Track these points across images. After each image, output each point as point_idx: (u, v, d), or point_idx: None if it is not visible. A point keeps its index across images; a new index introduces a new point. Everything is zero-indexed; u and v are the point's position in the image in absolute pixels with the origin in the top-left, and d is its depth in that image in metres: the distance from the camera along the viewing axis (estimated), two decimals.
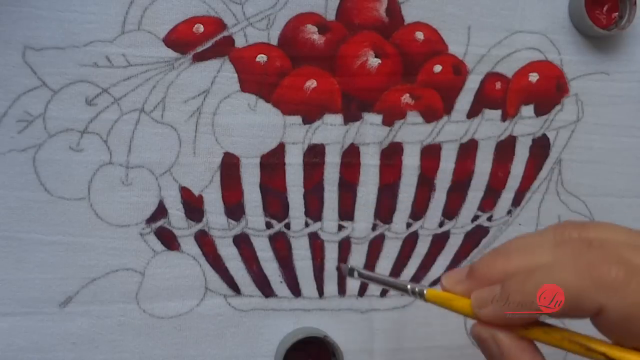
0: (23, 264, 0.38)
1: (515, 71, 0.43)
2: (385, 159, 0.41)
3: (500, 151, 0.43)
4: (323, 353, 0.40)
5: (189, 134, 0.39)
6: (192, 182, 0.39)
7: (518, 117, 0.43)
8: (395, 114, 0.41)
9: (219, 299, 0.40)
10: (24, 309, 0.38)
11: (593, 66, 0.44)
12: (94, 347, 0.39)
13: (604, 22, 0.44)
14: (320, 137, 0.40)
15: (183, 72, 0.39)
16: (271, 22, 0.40)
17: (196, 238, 0.40)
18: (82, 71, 0.37)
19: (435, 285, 0.43)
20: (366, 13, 0.41)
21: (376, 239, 0.42)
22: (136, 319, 0.39)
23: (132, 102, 0.38)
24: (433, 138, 0.42)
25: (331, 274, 0.42)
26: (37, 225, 0.38)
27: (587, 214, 0.45)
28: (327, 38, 0.40)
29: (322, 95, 0.40)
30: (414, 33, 0.41)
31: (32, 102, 0.37)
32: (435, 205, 0.42)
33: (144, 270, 0.39)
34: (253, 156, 0.40)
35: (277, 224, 0.41)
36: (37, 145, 0.37)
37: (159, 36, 0.38)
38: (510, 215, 0.44)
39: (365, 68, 0.41)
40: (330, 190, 0.41)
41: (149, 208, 0.39)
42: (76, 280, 0.38)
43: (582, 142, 0.44)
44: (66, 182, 0.38)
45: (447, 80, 0.42)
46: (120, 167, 0.38)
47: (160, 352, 0.39)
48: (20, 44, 0.37)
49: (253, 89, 0.39)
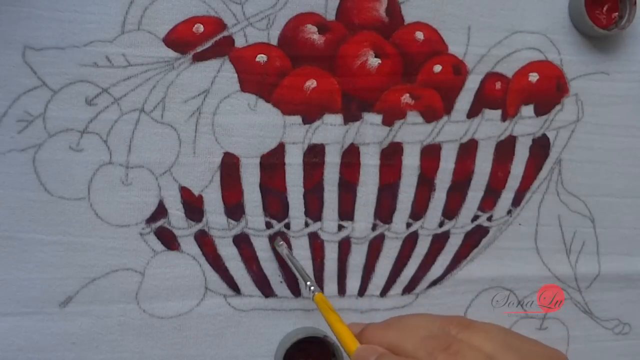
0: (23, 264, 0.38)
1: (515, 71, 0.43)
2: (385, 159, 0.41)
3: (500, 151, 0.43)
4: (323, 353, 0.40)
5: (189, 134, 0.39)
6: (192, 182, 0.39)
7: (518, 117, 0.43)
8: (395, 114, 0.41)
9: (218, 299, 0.40)
10: (24, 309, 0.38)
11: (593, 66, 0.44)
12: (94, 347, 0.39)
13: (604, 22, 0.44)
14: (320, 137, 0.40)
15: (183, 72, 0.39)
16: (271, 22, 0.40)
17: (196, 238, 0.40)
18: (82, 71, 0.37)
19: (434, 285, 0.43)
20: (366, 13, 0.41)
21: (376, 239, 0.42)
22: (136, 319, 0.39)
23: (132, 102, 0.38)
24: (433, 138, 0.42)
25: (331, 274, 0.42)
26: (37, 225, 0.38)
27: (587, 214, 0.45)
28: (327, 38, 0.40)
29: (322, 95, 0.40)
30: (414, 33, 0.41)
31: (32, 102, 0.37)
32: (435, 205, 0.42)
33: (144, 270, 0.39)
34: (253, 156, 0.40)
35: (277, 224, 0.41)
36: (37, 145, 0.37)
37: (159, 36, 0.38)
38: (510, 215, 0.44)
39: (365, 68, 0.41)
40: (330, 190, 0.41)
41: (149, 208, 0.39)
42: (76, 280, 0.38)
43: (582, 142, 0.44)
44: (66, 182, 0.38)
45: (447, 80, 0.42)
46: (120, 167, 0.38)
47: (160, 352, 0.40)
48: (20, 44, 0.37)
49: (253, 89, 0.40)
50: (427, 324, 0.33)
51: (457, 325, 0.32)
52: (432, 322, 0.33)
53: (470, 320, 0.33)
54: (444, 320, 0.33)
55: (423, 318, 0.34)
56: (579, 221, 0.45)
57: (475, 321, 0.32)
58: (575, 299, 0.45)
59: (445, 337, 0.31)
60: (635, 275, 0.46)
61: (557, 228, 0.44)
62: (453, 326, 0.32)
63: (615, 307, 0.46)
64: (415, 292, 0.43)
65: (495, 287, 0.44)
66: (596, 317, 0.45)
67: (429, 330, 0.32)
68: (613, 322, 0.46)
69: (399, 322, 0.34)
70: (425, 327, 0.32)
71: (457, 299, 0.43)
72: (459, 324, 0.32)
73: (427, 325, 0.33)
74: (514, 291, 0.44)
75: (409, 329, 0.33)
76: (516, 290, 0.44)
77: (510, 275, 0.44)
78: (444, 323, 0.32)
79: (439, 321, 0.33)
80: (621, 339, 0.46)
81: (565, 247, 0.45)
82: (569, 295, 0.45)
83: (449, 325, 0.32)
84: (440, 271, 0.43)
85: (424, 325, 0.33)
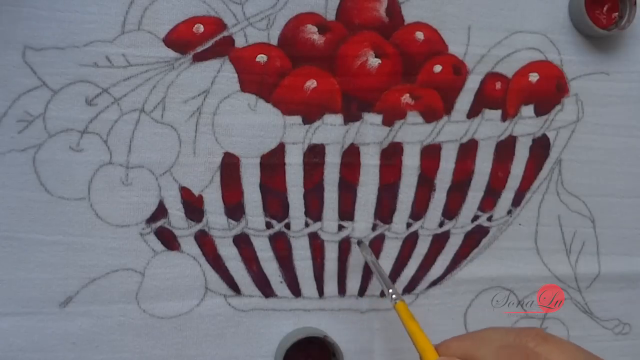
0: (23, 264, 0.38)
1: (515, 71, 0.43)
2: (385, 159, 0.41)
3: (500, 151, 0.43)
4: (323, 353, 0.40)
5: (189, 134, 0.39)
6: (192, 182, 0.39)
7: (518, 117, 0.43)
8: (395, 114, 0.41)
9: (219, 299, 0.40)
10: (24, 309, 0.38)
11: (593, 66, 0.44)
12: (94, 347, 0.39)
13: (604, 22, 0.44)
14: (320, 137, 0.40)
15: (183, 72, 0.39)
16: (271, 22, 0.40)
17: (196, 238, 0.40)
18: (82, 71, 0.37)
19: (434, 285, 0.43)
20: (366, 13, 0.41)
21: (376, 239, 0.42)
22: (136, 319, 0.39)
23: (132, 102, 0.38)
24: (433, 138, 0.42)
25: (331, 274, 0.42)
26: (37, 225, 0.38)
27: (587, 214, 0.45)
28: (327, 38, 0.40)
29: (322, 95, 0.40)
30: (414, 33, 0.41)
31: (32, 102, 0.37)
32: (435, 205, 0.42)
33: (144, 270, 0.39)
34: (253, 156, 0.40)
35: (277, 224, 0.41)
36: (37, 145, 0.37)
37: (159, 36, 0.38)
38: (510, 215, 0.44)
39: (365, 68, 0.41)
40: (330, 190, 0.41)
41: (149, 208, 0.39)
42: (76, 280, 0.38)
43: (582, 142, 0.44)
44: (66, 182, 0.38)
45: (447, 80, 0.42)
46: (120, 167, 0.38)
47: (160, 352, 0.39)
48: (20, 44, 0.37)
49: (253, 89, 0.39)
50: (502, 335, 0.32)
51: (534, 337, 0.31)
52: (507, 333, 0.32)
53: (548, 334, 0.32)
54: (521, 331, 0.32)
55: (499, 330, 0.33)
56: (579, 221, 0.45)
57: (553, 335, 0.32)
58: (575, 299, 0.45)
59: (523, 349, 0.31)
60: (635, 275, 0.46)
61: (557, 228, 0.44)
62: (530, 338, 0.31)
63: (615, 307, 0.46)
64: (415, 292, 0.43)
65: (495, 287, 0.44)
66: (596, 317, 0.45)
67: (505, 342, 0.32)
68: (613, 322, 0.46)
69: (475, 333, 0.34)
70: (501, 339, 0.32)
71: (457, 299, 0.43)
72: (536, 335, 0.31)
73: (503, 337, 0.32)
74: (514, 291, 0.44)
75: (485, 340, 0.32)
76: (516, 290, 0.44)
77: (510, 275, 0.44)
78: (520, 335, 0.32)
79: (514, 333, 0.32)
80: (621, 339, 0.46)
81: (565, 247, 0.45)
82: (569, 295, 0.45)
83: (526, 338, 0.31)
84: (440, 271, 0.43)
85: (499, 337, 0.32)
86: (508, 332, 0.33)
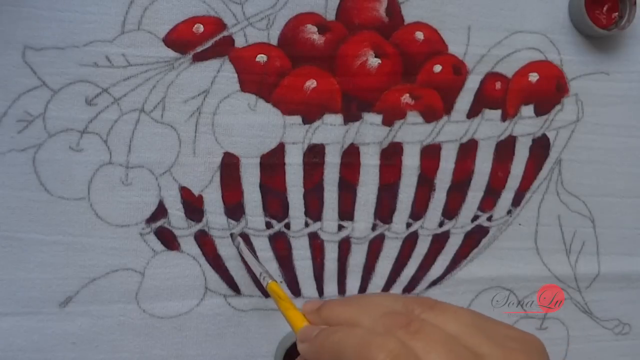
0: (23, 264, 0.38)
1: (515, 71, 0.43)
2: (385, 159, 0.41)
3: (500, 151, 0.43)
4: None
5: (189, 134, 0.39)
6: (192, 182, 0.39)
7: (518, 117, 0.43)
8: (395, 114, 0.41)
9: (218, 299, 0.40)
10: (24, 309, 0.38)
11: (593, 66, 0.44)
12: (94, 347, 0.39)
13: (604, 22, 0.44)
14: (320, 137, 0.40)
15: (183, 72, 0.39)
16: (271, 22, 0.40)
17: (196, 238, 0.40)
18: (82, 71, 0.37)
19: (434, 285, 0.43)
20: (366, 13, 0.41)
21: (376, 239, 0.42)
22: (136, 319, 0.39)
23: (132, 102, 0.38)
24: (433, 138, 0.42)
25: (331, 274, 0.42)
26: (37, 225, 0.38)
27: (587, 214, 0.45)
28: (327, 38, 0.40)
29: (322, 95, 0.40)
30: (414, 33, 0.41)
31: (32, 102, 0.37)
32: (435, 205, 0.42)
33: (144, 270, 0.39)
34: (253, 156, 0.40)
35: (277, 224, 0.41)
36: (37, 145, 0.37)
37: (159, 36, 0.38)
38: (510, 215, 0.44)
39: (365, 68, 0.41)
40: (330, 190, 0.41)
41: (149, 208, 0.39)
42: (76, 280, 0.38)
43: (582, 142, 0.44)
44: (66, 182, 0.38)
45: (447, 80, 0.42)
46: (120, 167, 0.38)
47: (160, 352, 0.40)
48: (20, 44, 0.37)
49: (253, 89, 0.40)
50: (390, 302, 0.31)
51: (421, 304, 0.30)
52: (395, 300, 0.31)
53: (437, 301, 0.30)
54: (409, 299, 0.31)
55: (386, 296, 0.32)
56: (578, 221, 0.45)
57: (443, 302, 0.30)
58: (575, 299, 0.45)
59: (407, 315, 0.29)
60: (635, 275, 0.46)
61: (557, 228, 0.44)
62: (417, 305, 0.30)
63: (615, 307, 0.46)
64: (415, 292, 0.43)
65: (495, 287, 0.44)
66: (596, 317, 0.45)
67: (391, 308, 0.30)
68: (613, 322, 0.46)
69: (360, 298, 0.32)
70: (388, 305, 0.30)
71: (457, 299, 0.43)
72: (423, 303, 0.30)
73: (390, 303, 0.30)
74: (514, 291, 0.44)
75: (370, 305, 0.31)
76: (516, 290, 0.44)
77: (510, 275, 0.44)
78: (408, 302, 0.30)
79: (402, 300, 0.31)
80: (621, 339, 0.46)
81: (565, 247, 0.45)
82: (569, 295, 0.45)
83: (413, 305, 0.30)
84: (440, 271, 0.43)
85: (386, 303, 0.30)
86: (397, 299, 0.31)
